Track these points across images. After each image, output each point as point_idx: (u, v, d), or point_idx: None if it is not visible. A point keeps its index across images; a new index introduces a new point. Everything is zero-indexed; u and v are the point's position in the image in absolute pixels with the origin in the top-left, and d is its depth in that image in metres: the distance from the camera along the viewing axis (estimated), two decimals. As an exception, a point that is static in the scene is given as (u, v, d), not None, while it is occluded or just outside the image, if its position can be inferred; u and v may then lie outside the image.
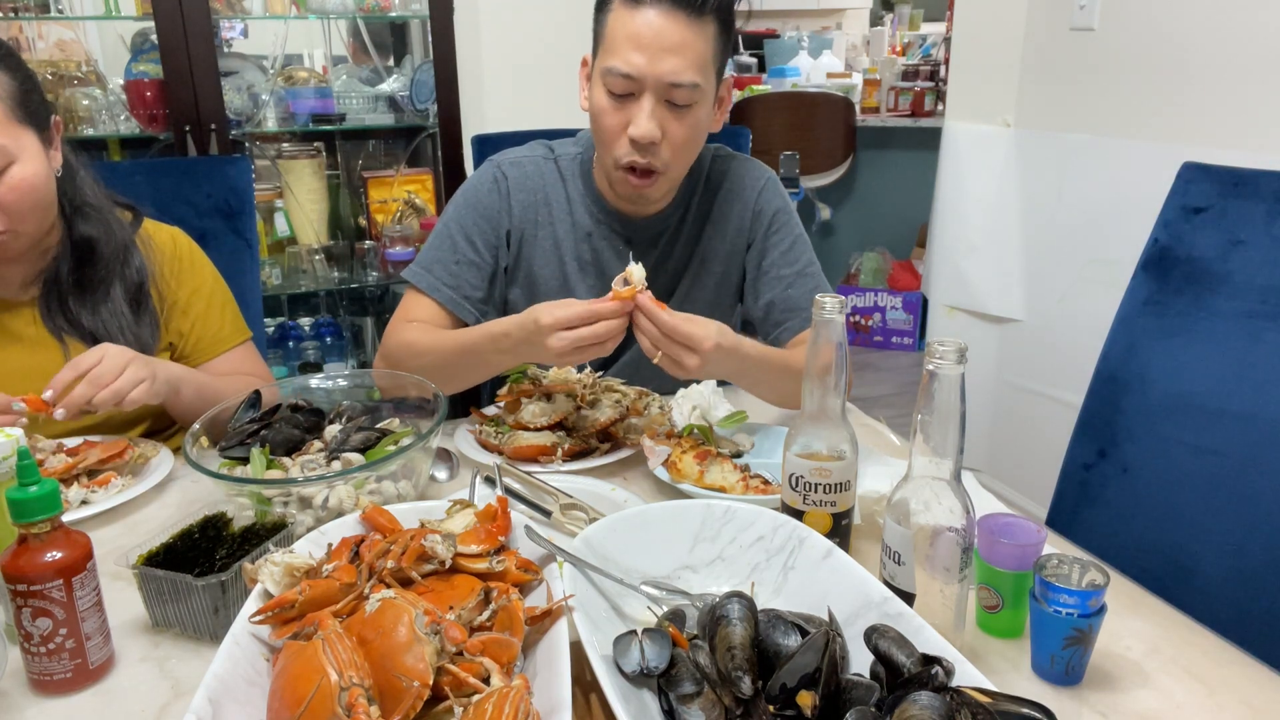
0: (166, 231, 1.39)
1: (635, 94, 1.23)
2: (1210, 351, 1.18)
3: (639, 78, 1.21)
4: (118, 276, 1.29)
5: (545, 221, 1.41)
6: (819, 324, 0.86)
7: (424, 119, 2.76)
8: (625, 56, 1.21)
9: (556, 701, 0.65)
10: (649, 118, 1.23)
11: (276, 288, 2.75)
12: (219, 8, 2.48)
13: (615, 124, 1.26)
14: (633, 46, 1.20)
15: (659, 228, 1.42)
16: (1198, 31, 2.15)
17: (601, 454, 1.21)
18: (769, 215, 1.43)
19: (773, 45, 5.75)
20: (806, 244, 1.45)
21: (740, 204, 1.43)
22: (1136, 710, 0.76)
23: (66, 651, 0.78)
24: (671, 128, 1.25)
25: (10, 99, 1.14)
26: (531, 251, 1.41)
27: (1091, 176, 2.47)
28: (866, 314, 4.42)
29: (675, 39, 1.20)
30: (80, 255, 1.27)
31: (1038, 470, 2.66)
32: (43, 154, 1.18)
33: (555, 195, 1.42)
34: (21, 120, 1.15)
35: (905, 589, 0.80)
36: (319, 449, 1.08)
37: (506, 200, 1.40)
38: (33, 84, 1.19)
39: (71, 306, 1.27)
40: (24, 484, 0.75)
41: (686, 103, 1.24)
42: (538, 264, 1.41)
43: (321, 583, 0.75)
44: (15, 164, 1.14)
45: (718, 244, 1.44)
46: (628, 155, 1.26)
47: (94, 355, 1.14)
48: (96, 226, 1.28)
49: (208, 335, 1.38)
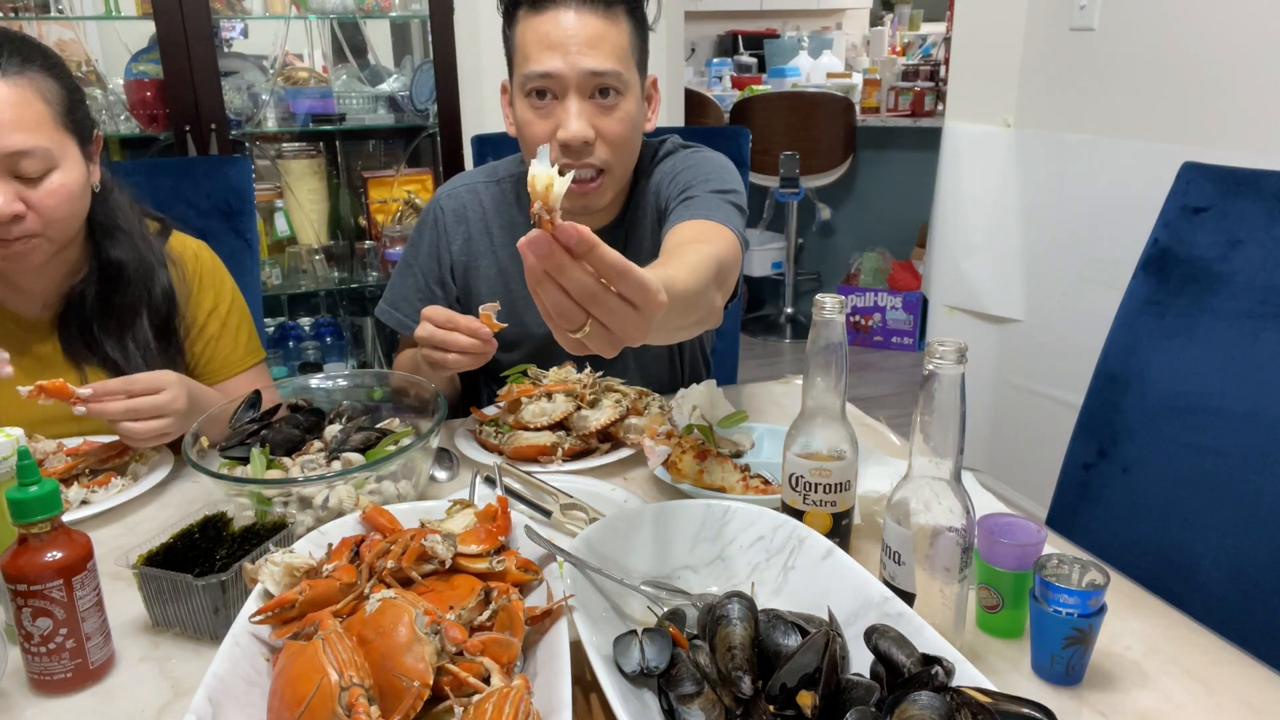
0: (192, 248, 1.37)
1: (558, 96, 1.21)
2: (1210, 351, 1.18)
3: (559, 75, 1.19)
4: (145, 305, 1.27)
5: (486, 250, 1.42)
6: (819, 324, 0.86)
7: (424, 119, 2.76)
8: (540, 59, 1.19)
9: (556, 701, 0.65)
10: (576, 117, 1.20)
11: (276, 288, 2.75)
12: (219, 8, 2.49)
13: (543, 133, 1.21)
14: (546, 47, 1.18)
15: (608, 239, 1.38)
16: (1198, 31, 2.15)
17: (601, 454, 1.21)
18: (667, 179, 1.33)
19: (773, 45, 5.75)
20: (714, 163, 1.33)
21: (653, 187, 1.36)
22: (1136, 710, 0.76)
23: (66, 651, 0.78)
24: (602, 124, 1.22)
25: (58, 105, 1.13)
26: (475, 280, 1.43)
27: (1091, 176, 2.47)
28: (866, 314, 4.42)
29: (589, 32, 1.18)
30: (106, 279, 1.25)
31: (1038, 470, 2.66)
32: (83, 165, 1.17)
33: (495, 221, 1.41)
34: (67, 128, 1.14)
35: (905, 589, 0.80)
36: (319, 449, 1.08)
37: (445, 236, 1.42)
38: (80, 95, 1.18)
39: (95, 333, 1.25)
40: (24, 484, 0.75)
41: (613, 89, 1.21)
42: (483, 292, 1.42)
43: (321, 583, 0.75)
44: (58, 170, 1.13)
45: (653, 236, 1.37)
46: (562, 158, 1.21)
47: (151, 384, 1.11)
48: (126, 251, 1.26)
49: (220, 356, 1.37)
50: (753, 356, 4.40)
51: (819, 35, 5.76)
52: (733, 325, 1.98)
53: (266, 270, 2.70)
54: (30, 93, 1.10)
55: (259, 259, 1.82)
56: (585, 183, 1.26)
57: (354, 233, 2.93)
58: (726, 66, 5.76)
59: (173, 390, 1.12)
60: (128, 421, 1.10)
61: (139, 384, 1.11)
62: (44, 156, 1.10)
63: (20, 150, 1.08)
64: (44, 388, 1.08)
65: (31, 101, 1.09)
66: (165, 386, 1.12)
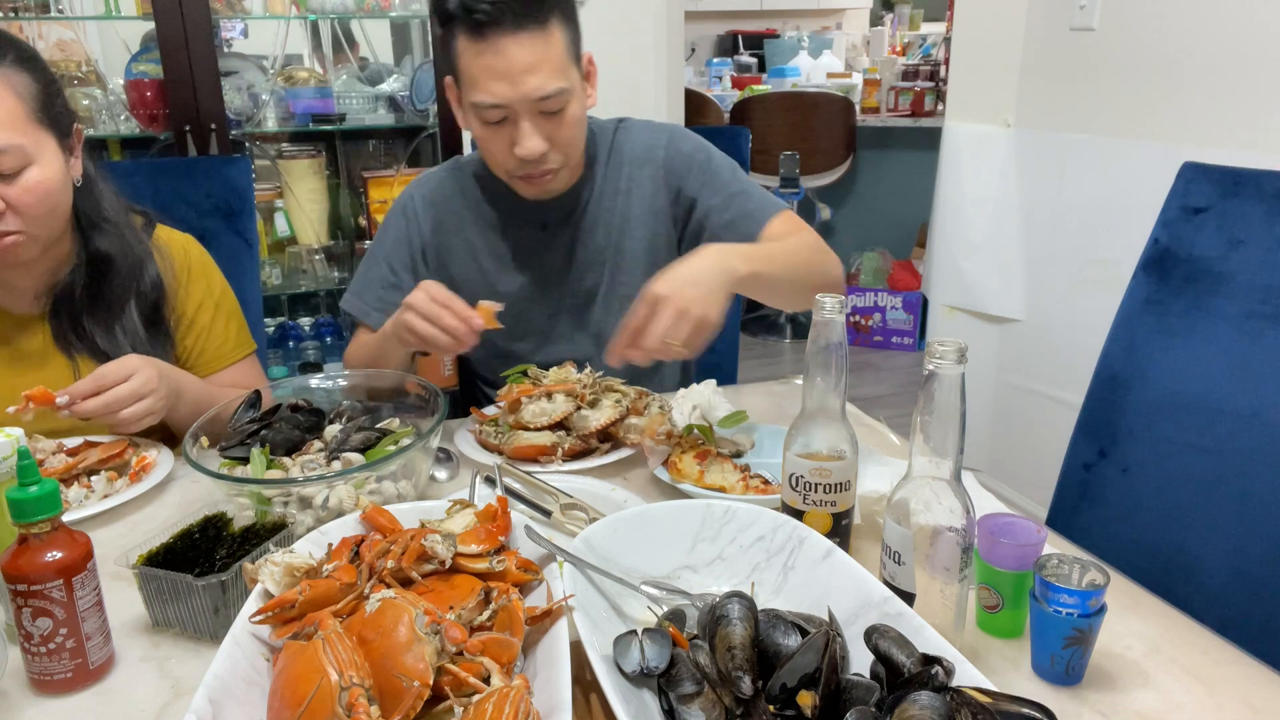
0: (179, 241, 1.37)
1: (510, 118, 1.26)
2: (1210, 351, 1.18)
3: (508, 104, 1.23)
4: (133, 294, 1.28)
5: (456, 229, 1.45)
6: (819, 324, 0.86)
7: (424, 119, 2.76)
8: (488, 89, 1.23)
9: (556, 701, 0.65)
10: (530, 136, 1.26)
11: (276, 288, 2.75)
12: (219, 8, 2.49)
13: (500, 148, 1.29)
14: (491, 78, 1.22)
15: (569, 205, 1.43)
16: (1197, 31, 2.15)
17: (601, 454, 1.21)
18: (676, 163, 1.43)
19: (773, 45, 5.76)
20: (723, 165, 1.44)
21: (651, 165, 1.44)
22: (1136, 710, 0.76)
23: (66, 651, 0.78)
24: (554, 133, 1.28)
25: (32, 100, 1.13)
26: (449, 259, 1.46)
27: (1091, 176, 2.47)
28: (866, 314, 4.42)
29: (528, 58, 1.21)
30: (95, 271, 1.26)
31: (1038, 470, 2.66)
32: (61, 159, 1.17)
33: (463, 202, 1.46)
34: (42, 123, 1.14)
35: (905, 589, 0.80)
36: (319, 449, 1.08)
37: (416, 221, 1.46)
38: (56, 89, 1.18)
39: (85, 324, 1.25)
40: (24, 484, 0.75)
41: (559, 108, 1.26)
42: (455, 268, 1.46)
43: (321, 583, 0.75)
44: (33, 165, 1.13)
45: (638, 209, 1.44)
46: (521, 169, 1.30)
47: (119, 373, 1.13)
48: (113, 242, 1.26)
49: (210, 348, 1.37)
50: (753, 356, 4.40)
51: (819, 35, 5.77)
52: (733, 325, 1.98)
53: (266, 270, 2.71)
54: (2, 89, 1.09)
55: (259, 259, 1.82)
56: (540, 176, 1.32)
57: (354, 233, 2.93)
58: (726, 66, 5.76)
59: (142, 373, 1.14)
60: (108, 417, 1.11)
61: (108, 377, 1.12)
62: (18, 153, 1.10)
63: None
64: (31, 397, 1.10)
65: (3, 98, 1.09)
66: (132, 372, 1.13)
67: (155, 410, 1.14)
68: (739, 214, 1.39)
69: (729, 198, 1.40)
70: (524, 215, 1.43)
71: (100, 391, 1.11)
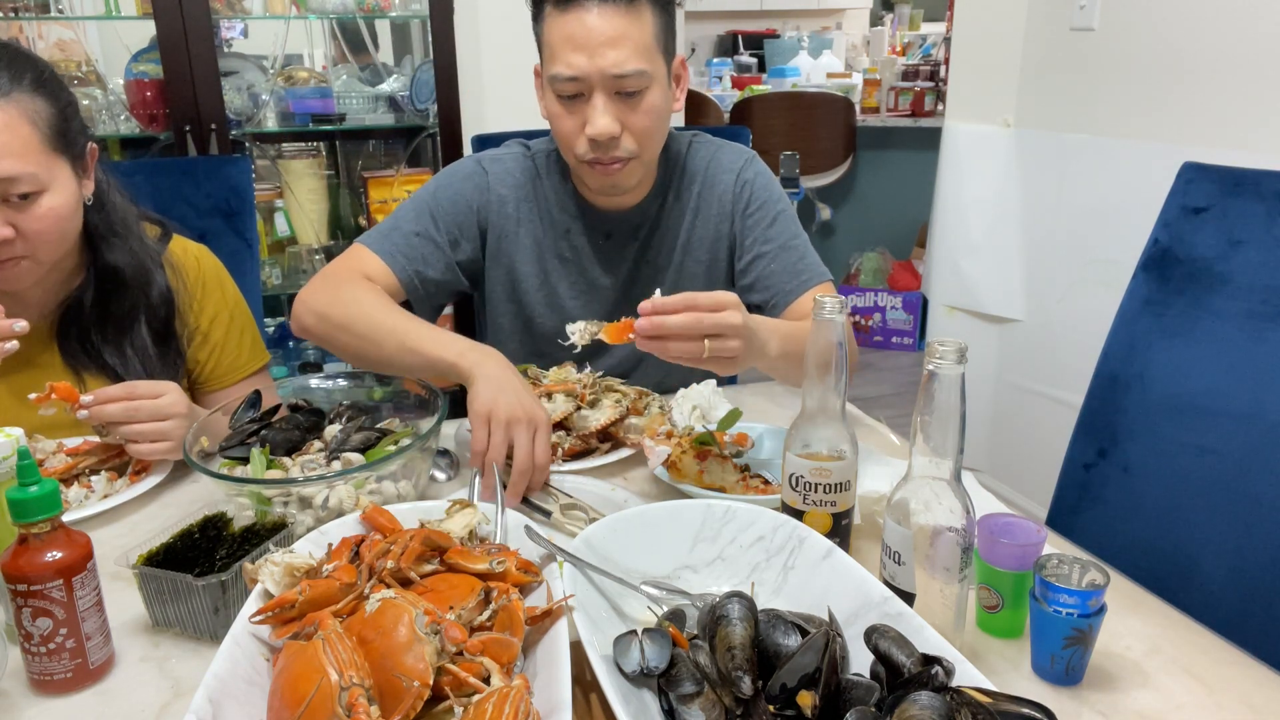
0: (193, 253, 1.36)
1: (585, 94, 1.24)
2: (1210, 351, 1.18)
3: (583, 77, 1.22)
4: (143, 310, 1.26)
5: (527, 218, 1.42)
6: (819, 324, 0.85)
7: (424, 119, 2.76)
8: (566, 59, 1.22)
9: (556, 701, 0.65)
10: (603, 114, 1.23)
11: (276, 288, 2.75)
12: (219, 8, 2.48)
13: (572, 127, 1.27)
14: (571, 48, 1.21)
15: (637, 219, 1.42)
16: (1197, 31, 2.15)
17: (601, 454, 1.21)
18: (746, 194, 1.43)
19: (773, 45, 5.76)
20: (789, 218, 1.44)
21: (721, 187, 1.43)
22: (1136, 710, 0.76)
23: (66, 651, 0.78)
24: (629, 118, 1.26)
25: (49, 127, 1.12)
26: (513, 248, 1.42)
27: (1091, 176, 2.47)
28: (866, 314, 4.42)
29: (611, 32, 1.20)
30: (104, 285, 1.24)
31: (1038, 470, 2.66)
32: (74, 183, 1.16)
33: (534, 192, 1.42)
34: (57, 149, 1.13)
35: (905, 589, 0.80)
36: (319, 449, 1.08)
37: (484, 194, 1.40)
38: (73, 109, 1.17)
39: (93, 340, 1.24)
40: (24, 484, 0.75)
41: (637, 89, 1.24)
42: (520, 260, 1.42)
43: (321, 583, 0.75)
44: (46, 193, 1.11)
45: (701, 230, 1.44)
46: (589, 153, 1.27)
47: (152, 389, 1.12)
48: (123, 255, 1.25)
49: (225, 362, 1.36)
50: (753, 356, 4.39)
51: (819, 35, 5.76)
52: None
53: (266, 270, 2.70)
54: (17, 117, 1.08)
55: (259, 259, 1.82)
56: (610, 164, 1.29)
57: (354, 233, 2.92)
58: (726, 66, 5.76)
59: (173, 395, 1.13)
60: (128, 425, 1.10)
61: (139, 388, 1.12)
62: (31, 181, 1.09)
63: (7, 177, 1.07)
64: (55, 387, 1.09)
65: (18, 126, 1.08)
66: (165, 391, 1.12)
67: (171, 436, 1.11)
68: (786, 268, 1.38)
69: (781, 248, 1.40)
70: (590, 222, 1.42)
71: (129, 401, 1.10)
